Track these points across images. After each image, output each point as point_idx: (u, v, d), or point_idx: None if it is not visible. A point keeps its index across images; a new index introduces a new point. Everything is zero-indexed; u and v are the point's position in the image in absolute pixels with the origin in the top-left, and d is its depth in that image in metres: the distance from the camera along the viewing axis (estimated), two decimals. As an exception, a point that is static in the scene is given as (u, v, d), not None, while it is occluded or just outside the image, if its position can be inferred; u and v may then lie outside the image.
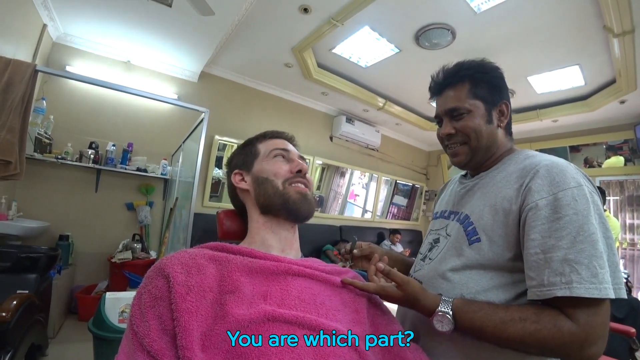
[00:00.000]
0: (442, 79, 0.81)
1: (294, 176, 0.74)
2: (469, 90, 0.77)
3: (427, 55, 3.16)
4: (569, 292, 0.57)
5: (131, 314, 0.54)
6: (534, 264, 0.62)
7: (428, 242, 0.88)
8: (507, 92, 0.81)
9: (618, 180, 4.26)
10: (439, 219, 0.89)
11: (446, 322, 0.64)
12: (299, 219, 0.74)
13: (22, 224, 2.42)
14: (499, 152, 0.80)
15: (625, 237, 4.16)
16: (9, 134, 1.74)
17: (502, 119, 0.79)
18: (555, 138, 4.67)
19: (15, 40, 2.34)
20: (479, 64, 0.79)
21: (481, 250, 0.70)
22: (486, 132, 0.77)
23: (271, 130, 0.84)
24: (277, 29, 2.98)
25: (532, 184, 0.66)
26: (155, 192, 3.53)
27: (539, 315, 0.59)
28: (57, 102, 3.01)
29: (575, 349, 0.57)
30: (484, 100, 0.77)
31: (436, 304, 0.66)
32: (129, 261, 2.94)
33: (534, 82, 3.52)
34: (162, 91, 3.57)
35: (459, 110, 0.77)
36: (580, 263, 0.58)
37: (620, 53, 2.65)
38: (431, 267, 0.80)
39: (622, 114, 3.85)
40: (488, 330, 0.61)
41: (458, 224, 0.78)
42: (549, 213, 0.62)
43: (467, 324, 0.63)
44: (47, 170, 2.95)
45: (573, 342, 0.56)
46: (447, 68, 0.81)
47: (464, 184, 0.86)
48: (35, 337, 1.74)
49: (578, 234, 0.59)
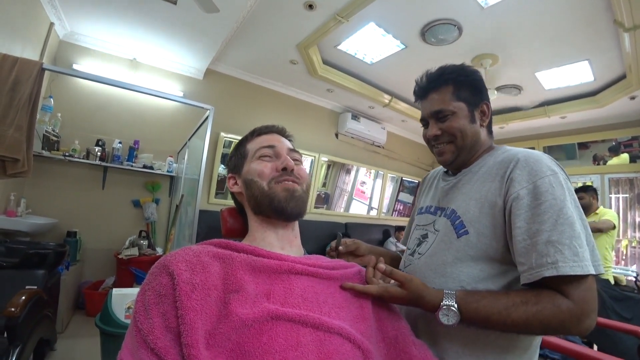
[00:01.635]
0: (426, 83, 0.85)
1: (280, 175, 0.72)
2: (452, 92, 0.81)
3: (433, 52, 3.13)
4: (556, 272, 0.61)
5: (135, 310, 0.54)
6: (523, 250, 0.65)
7: (416, 237, 0.90)
8: (487, 93, 0.85)
9: (628, 178, 4.20)
10: (425, 214, 0.92)
11: (452, 314, 0.65)
12: (287, 218, 0.71)
13: (30, 221, 2.45)
14: (481, 150, 0.84)
15: (635, 236, 4.11)
16: (17, 131, 1.76)
17: (483, 119, 0.84)
18: (563, 135, 4.61)
19: (22, 38, 2.37)
20: (460, 68, 0.83)
21: (470, 242, 0.73)
22: (470, 131, 0.81)
23: (259, 127, 0.82)
24: (282, 26, 2.97)
25: (513, 175, 0.70)
26: (161, 189, 3.56)
27: (538, 297, 0.63)
28: (64, 99, 3.04)
29: (574, 323, 0.61)
30: (467, 101, 0.81)
31: (440, 298, 0.67)
32: (136, 257, 2.97)
33: (542, 78, 3.47)
34: (167, 88, 3.58)
35: (444, 112, 0.81)
36: (563, 243, 0.62)
37: (631, 48, 2.60)
38: (422, 261, 0.82)
39: (632, 110, 3.78)
40: (493, 318, 0.63)
41: (445, 219, 0.81)
42: (530, 200, 0.66)
43: (472, 314, 0.65)
44: (55, 168, 2.99)
45: (571, 317, 0.60)
46: (431, 73, 0.85)
47: (447, 180, 0.89)
48: (44, 332, 1.76)
49: (558, 217, 0.64)
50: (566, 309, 0.60)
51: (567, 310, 0.60)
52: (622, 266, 3.91)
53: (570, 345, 1.44)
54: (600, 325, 1.91)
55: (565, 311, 0.60)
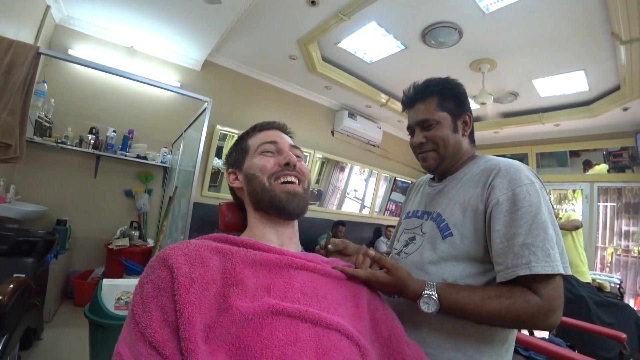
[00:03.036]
0: (414, 93, 0.91)
1: (282, 169, 0.72)
2: (437, 103, 0.87)
3: (432, 54, 3.15)
4: (529, 271, 0.66)
5: (133, 303, 0.54)
6: (500, 251, 0.71)
7: (404, 239, 0.95)
8: (469, 105, 0.91)
9: (616, 187, 4.28)
10: (412, 218, 0.97)
11: (432, 303, 0.70)
12: (289, 217, 0.72)
13: (20, 207, 2.41)
14: (464, 158, 0.90)
15: (620, 244, 4.20)
16: (10, 116, 1.72)
17: (465, 129, 0.90)
18: (556, 142, 4.67)
19: (17, 20, 2.31)
20: (445, 81, 0.89)
21: (454, 244, 0.79)
22: (452, 140, 0.87)
23: (261, 122, 0.82)
24: (283, 21, 2.95)
25: (494, 182, 0.76)
26: (154, 180, 3.52)
27: (511, 291, 0.68)
28: (58, 85, 2.98)
29: (541, 318, 0.66)
30: (450, 112, 0.87)
31: (422, 287, 0.72)
32: (126, 248, 2.94)
33: (538, 86, 3.51)
34: (164, 78, 3.54)
35: (429, 121, 0.87)
36: (536, 246, 0.67)
37: (627, 60, 2.65)
38: (408, 261, 0.87)
39: (624, 121, 3.85)
40: (469, 308, 0.69)
41: (432, 222, 0.86)
42: (509, 206, 0.72)
43: (451, 304, 0.70)
44: (47, 154, 2.93)
45: (539, 312, 0.65)
46: (417, 84, 0.91)
47: (434, 186, 0.94)
48: (31, 321, 1.73)
49: (533, 222, 0.69)
50: (535, 304, 0.65)
51: (536, 305, 0.65)
52: (607, 273, 4.00)
53: (555, 348, 1.47)
54: (584, 329, 1.96)
55: (534, 306, 0.65)
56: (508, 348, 0.79)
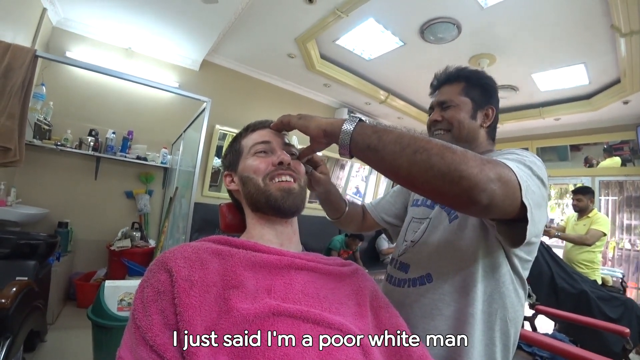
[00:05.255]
0: (444, 77, 0.92)
1: (275, 169, 0.71)
2: (462, 88, 0.87)
3: (431, 50, 3.13)
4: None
5: (134, 307, 0.54)
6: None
7: (412, 230, 0.95)
8: (497, 100, 0.90)
9: (617, 181, 4.27)
10: (422, 207, 0.96)
11: (352, 120, 0.60)
12: (284, 215, 0.71)
13: (21, 211, 2.41)
14: (478, 150, 0.85)
15: (622, 237, 4.19)
16: (9, 120, 1.72)
17: (485, 121, 0.88)
18: (556, 136, 4.66)
19: (14, 24, 2.31)
20: (477, 71, 0.90)
21: (461, 225, 0.79)
22: (468, 125, 0.85)
23: (253, 122, 0.80)
24: (280, 19, 2.94)
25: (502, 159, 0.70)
26: (154, 181, 3.52)
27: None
28: (57, 88, 2.98)
29: (457, 178, 0.49)
30: (473, 100, 0.86)
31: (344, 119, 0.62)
32: (128, 249, 2.95)
33: (538, 80, 3.50)
34: (162, 79, 3.53)
35: (448, 103, 0.87)
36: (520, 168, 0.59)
37: (627, 53, 2.63)
38: (417, 247, 0.87)
39: (625, 114, 3.84)
40: (388, 138, 0.55)
41: (439, 207, 0.87)
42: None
43: (369, 130, 0.58)
44: (47, 157, 2.93)
45: (468, 166, 0.49)
46: (449, 69, 0.92)
47: None
48: (35, 323, 1.74)
49: (530, 177, 0.61)
50: (461, 152, 0.51)
51: (461, 153, 0.50)
52: (610, 267, 4.00)
53: (559, 343, 1.47)
54: (587, 324, 1.96)
55: (460, 154, 0.50)
56: (493, 326, 0.76)
